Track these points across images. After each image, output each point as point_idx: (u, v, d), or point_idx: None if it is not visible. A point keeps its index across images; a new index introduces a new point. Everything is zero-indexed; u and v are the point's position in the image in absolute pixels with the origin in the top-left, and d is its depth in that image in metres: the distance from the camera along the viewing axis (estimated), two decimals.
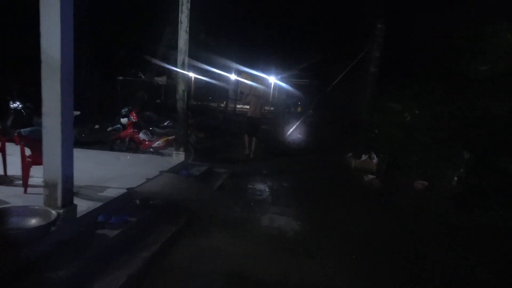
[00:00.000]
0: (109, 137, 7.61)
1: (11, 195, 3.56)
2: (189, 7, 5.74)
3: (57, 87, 2.86)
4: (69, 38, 2.92)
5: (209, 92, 20.93)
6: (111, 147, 7.10)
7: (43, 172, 2.98)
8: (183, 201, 4.44)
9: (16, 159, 3.98)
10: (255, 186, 6.12)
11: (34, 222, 2.80)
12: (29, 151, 3.81)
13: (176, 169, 5.56)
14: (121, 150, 7.05)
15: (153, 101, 14.45)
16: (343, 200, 5.73)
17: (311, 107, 15.04)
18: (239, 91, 17.84)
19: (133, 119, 7.16)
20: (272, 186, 6.17)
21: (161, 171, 5.15)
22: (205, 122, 11.73)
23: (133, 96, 12.71)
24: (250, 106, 8.98)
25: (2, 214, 2.81)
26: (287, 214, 4.77)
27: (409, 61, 8.63)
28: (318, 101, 14.12)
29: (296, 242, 3.92)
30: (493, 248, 4.15)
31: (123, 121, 7.49)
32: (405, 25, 9.84)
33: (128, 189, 4.17)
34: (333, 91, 12.12)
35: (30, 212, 2.86)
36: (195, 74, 19.62)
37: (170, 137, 6.93)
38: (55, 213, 2.83)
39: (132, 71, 17.53)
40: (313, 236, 4.13)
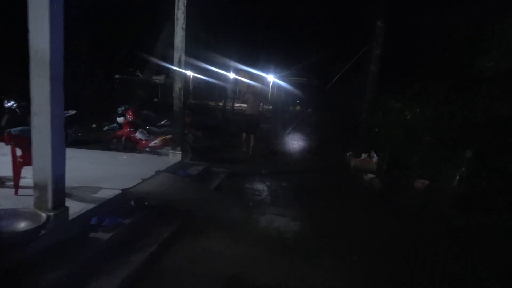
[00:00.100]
0: (105, 137, 7.50)
1: (1, 197, 3.46)
2: (185, 3, 5.62)
3: (47, 84, 2.75)
4: (59, 32, 2.80)
5: (207, 90, 20.80)
6: (107, 147, 6.99)
7: (32, 173, 2.88)
8: (180, 201, 4.34)
9: (8, 159, 3.87)
10: (254, 186, 6.02)
11: (23, 225, 2.69)
12: (20, 151, 3.70)
13: (173, 169, 5.46)
14: (117, 149, 6.94)
15: (151, 100, 14.33)
16: (343, 200, 5.64)
17: (310, 106, 14.94)
18: (237, 90, 17.73)
19: (129, 118, 7.04)
20: (271, 185, 6.07)
21: (157, 171, 5.04)
22: (204, 121, 11.62)
23: (130, 95, 12.59)
24: (247, 104, 8.95)
25: None
26: (286, 214, 4.67)
27: (409, 60, 8.54)
28: (317, 100, 14.01)
29: (295, 243, 3.83)
30: (495, 249, 4.06)
31: (120, 120, 7.38)
32: (405, 23, 9.75)
33: (123, 189, 4.06)
34: (332, 90, 12.03)
35: (18, 215, 2.75)
36: (193, 72, 19.53)
37: (167, 136, 6.82)
38: (44, 216, 2.73)
39: (130, 69, 17.43)
40: (312, 237, 4.04)
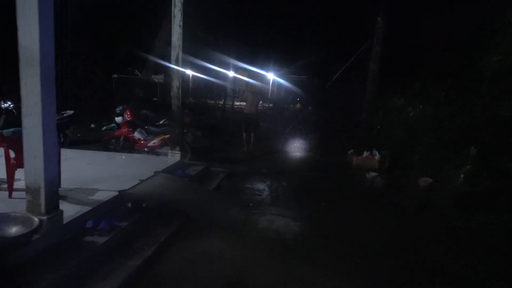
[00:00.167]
0: (104, 137, 7.41)
1: None
2: (182, 0, 5.51)
3: (37, 85, 2.66)
4: (49, 30, 2.70)
5: (207, 89, 20.67)
6: (105, 147, 6.91)
7: (24, 176, 2.80)
8: (178, 203, 4.25)
9: (3, 161, 3.79)
10: (253, 185, 5.93)
11: (14, 230, 2.61)
12: (13, 153, 3.62)
13: (171, 169, 5.37)
14: (115, 149, 6.86)
15: (150, 99, 14.24)
16: (344, 199, 5.55)
17: (310, 104, 14.83)
18: (237, 88, 17.62)
19: (127, 117, 6.95)
20: (271, 185, 5.98)
21: (155, 172, 4.96)
22: (203, 120, 11.53)
23: (129, 94, 12.50)
24: (246, 103, 8.94)
25: None
26: (286, 215, 4.58)
27: (410, 59, 8.43)
28: (317, 98, 13.90)
29: (296, 245, 3.74)
30: (498, 251, 3.96)
31: (118, 120, 7.29)
32: (406, 22, 9.65)
33: (120, 191, 3.98)
34: (333, 88, 11.93)
35: (10, 219, 2.66)
36: (193, 71, 19.41)
37: (166, 136, 6.73)
38: (37, 220, 2.64)
39: (129, 69, 17.34)
40: (313, 238, 3.95)
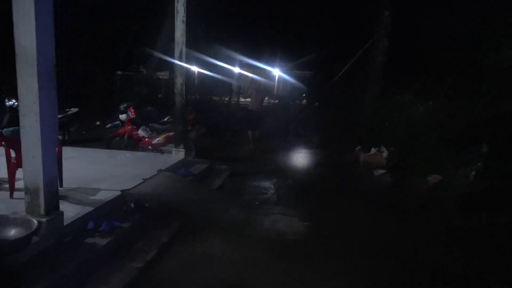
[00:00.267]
0: (107, 134, 7.37)
1: None
2: None
3: (34, 83, 2.58)
4: (47, 27, 2.62)
5: (212, 86, 20.58)
6: (109, 145, 6.86)
7: (23, 177, 2.73)
8: (181, 202, 4.17)
9: (4, 160, 3.74)
10: (258, 184, 5.83)
11: (13, 233, 2.55)
12: (14, 153, 3.56)
13: (175, 168, 5.30)
14: (119, 147, 6.81)
15: (155, 96, 14.18)
16: (351, 197, 5.41)
17: (316, 100, 14.66)
18: (242, 85, 17.53)
19: (131, 115, 6.88)
20: (275, 183, 5.87)
21: (159, 170, 4.88)
22: (209, 117, 11.44)
23: (133, 91, 12.45)
24: (251, 99, 8.94)
25: None
26: (292, 214, 4.47)
27: (419, 51, 8.22)
28: (324, 94, 13.72)
29: (300, 248, 3.60)
30: (508, 254, 3.82)
31: (122, 117, 7.23)
32: (412, 15, 9.42)
33: (122, 191, 3.91)
34: (340, 83, 11.75)
35: (8, 221, 2.61)
36: (198, 67, 19.31)
37: (170, 133, 6.66)
38: (36, 222, 2.58)
39: (134, 66, 17.28)
40: (319, 241, 3.80)
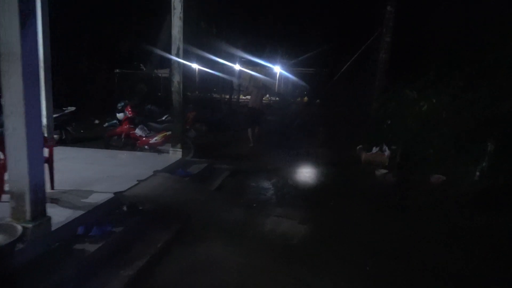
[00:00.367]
0: (105, 134, 7.25)
1: None
2: None
3: (19, 83, 2.45)
4: (31, 22, 2.48)
5: (213, 83, 20.44)
6: (106, 144, 6.74)
7: (8, 181, 2.61)
8: (178, 204, 4.04)
9: None
10: (258, 184, 5.69)
11: None
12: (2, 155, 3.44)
13: (172, 168, 5.16)
14: (117, 147, 6.70)
15: (155, 94, 14.07)
16: (353, 198, 5.27)
17: (318, 97, 14.50)
18: (242, 82, 17.40)
19: (128, 114, 6.76)
20: (276, 183, 5.73)
21: (155, 171, 4.75)
22: (209, 115, 11.33)
23: (132, 89, 12.32)
24: (251, 97, 8.90)
25: None
26: (293, 216, 4.33)
27: (422, 46, 8.05)
28: (325, 91, 13.54)
29: (302, 251, 3.49)
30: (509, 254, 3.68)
31: (119, 116, 7.11)
32: (417, 6, 9.23)
33: (115, 193, 3.78)
34: (341, 80, 11.58)
35: None
36: (199, 65, 19.14)
37: (168, 133, 6.53)
38: (20, 229, 2.46)
39: (134, 63, 17.16)
40: (321, 244, 3.69)
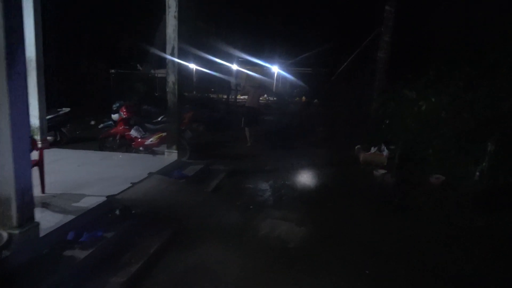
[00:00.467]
0: (100, 135, 7.12)
1: None
2: None
3: (2, 83, 2.35)
4: (17, 20, 2.41)
5: (211, 83, 20.37)
6: (101, 146, 6.62)
7: None
8: (172, 208, 3.95)
9: None
10: (255, 185, 5.60)
11: None
12: None
13: (167, 170, 5.06)
14: (111, 148, 6.58)
15: (151, 94, 13.97)
16: (351, 199, 5.19)
17: (316, 97, 14.44)
18: (240, 82, 17.34)
19: (123, 115, 6.64)
20: (273, 185, 5.64)
21: (149, 173, 4.65)
22: (206, 115, 11.22)
23: (128, 89, 12.21)
24: (248, 96, 8.95)
25: None
26: (290, 219, 4.25)
27: (423, 46, 7.98)
28: (323, 91, 13.48)
29: (299, 254, 3.40)
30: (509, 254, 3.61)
31: (114, 117, 6.99)
32: (416, 5, 9.17)
33: (108, 196, 3.68)
34: (339, 80, 11.51)
35: None
36: (196, 65, 19.06)
37: (163, 134, 6.41)
38: (6, 235, 2.36)
39: (131, 63, 17.07)
40: (319, 246, 3.60)
